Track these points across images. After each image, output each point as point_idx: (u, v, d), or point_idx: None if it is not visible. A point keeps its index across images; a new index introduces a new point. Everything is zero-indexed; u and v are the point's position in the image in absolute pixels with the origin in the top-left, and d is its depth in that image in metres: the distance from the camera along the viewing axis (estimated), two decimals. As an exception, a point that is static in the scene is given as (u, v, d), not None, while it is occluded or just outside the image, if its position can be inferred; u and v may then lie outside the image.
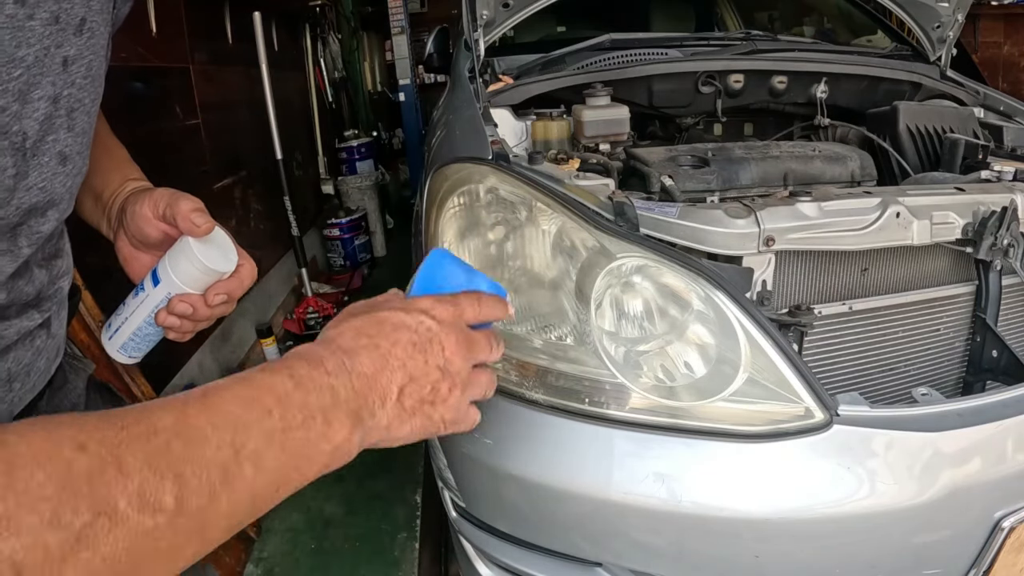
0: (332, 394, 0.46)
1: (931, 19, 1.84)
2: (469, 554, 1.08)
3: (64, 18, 0.39)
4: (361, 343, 0.49)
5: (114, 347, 0.67)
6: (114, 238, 0.67)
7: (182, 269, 0.60)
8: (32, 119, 0.39)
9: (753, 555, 0.84)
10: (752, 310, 0.86)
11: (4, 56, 0.35)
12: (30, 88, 0.37)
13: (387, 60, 7.10)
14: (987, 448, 0.85)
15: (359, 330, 0.50)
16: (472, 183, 1.02)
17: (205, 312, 0.63)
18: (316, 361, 0.47)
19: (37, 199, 0.42)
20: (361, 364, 0.48)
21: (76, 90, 0.43)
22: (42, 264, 0.52)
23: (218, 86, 2.84)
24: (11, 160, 0.38)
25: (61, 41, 0.39)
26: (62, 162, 0.43)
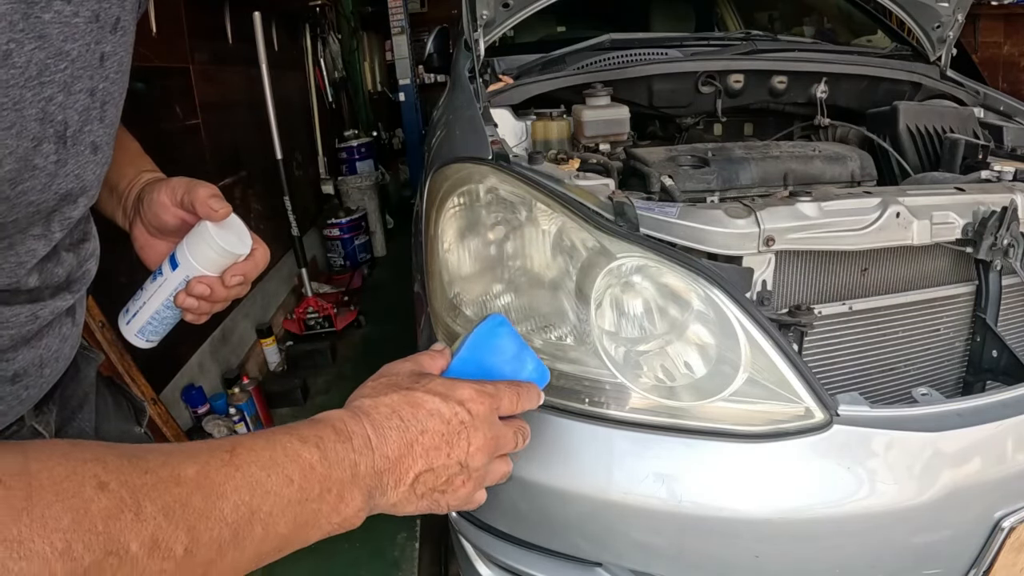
0: (352, 471, 0.47)
1: (931, 19, 1.84)
2: (469, 554, 1.08)
3: (103, 16, 0.41)
4: (392, 423, 0.50)
5: (132, 331, 0.69)
6: (130, 227, 0.69)
7: (200, 252, 0.63)
8: (73, 110, 0.41)
9: (753, 555, 0.84)
10: (752, 310, 0.86)
11: (53, 49, 0.36)
12: (74, 81, 0.39)
13: (387, 60, 7.10)
14: (987, 448, 0.85)
15: (394, 409, 0.51)
16: (472, 183, 1.02)
17: (222, 293, 0.66)
18: (345, 436, 0.48)
19: (72, 186, 0.44)
20: (387, 446, 0.49)
21: (109, 84, 0.45)
22: (70, 248, 0.54)
23: (218, 86, 2.84)
24: (54, 147, 0.40)
25: (100, 38, 0.41)
26: (94, 151, 0.45)
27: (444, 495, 0.54)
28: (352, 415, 0.50)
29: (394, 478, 0.50)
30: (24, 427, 0.57)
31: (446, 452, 0.52)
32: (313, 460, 0.45)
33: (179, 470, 0.39)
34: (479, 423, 0.54)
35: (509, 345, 0.64)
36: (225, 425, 2.19)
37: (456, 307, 0.99)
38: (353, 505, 0.47)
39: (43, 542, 0.33)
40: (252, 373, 2.68)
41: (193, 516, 0.38)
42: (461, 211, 1.03)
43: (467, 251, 1.01)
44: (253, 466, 0.42)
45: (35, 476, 0.35)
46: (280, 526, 0.43)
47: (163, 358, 2.14)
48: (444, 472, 0.53)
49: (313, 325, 3.13)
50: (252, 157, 3.07)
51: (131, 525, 0.36)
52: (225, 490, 0.40)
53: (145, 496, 0.37)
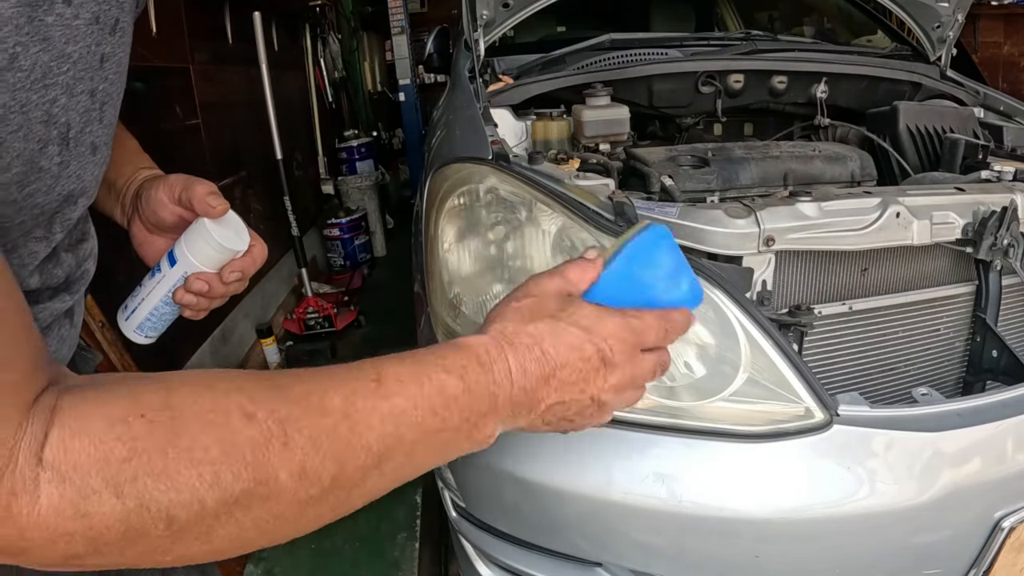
0: (491, 402, 0.48)
1: (931, 19, 1.84)
2: (469, 554, 1.08)
3: (103, 19, 0.41)
4: (534, 355, 0.50)
5: (131, 327, 0.69)
6: (128, 224, 0.70)
7: (199, 249, 0.63)
8: (75, 111, 0.41)
9: (753, 555, 0.84)
10: (752, 310, 0.86)
11: (56, 52, 0.37)
12: (75, 83, 0.40)
13: (387, 60, 7.10)
14: (987, 448, 0.85)
15: (536, 340, 0.50)
16: (472, 183, 1.02)
17: (220, 289, 0.66)
18: (488, 366, 0.48)
19: (74, 186, 0.44)
20: (524, 377, 0.49)
21: (108, 85, 0.45)
22: (69, 248, 0.54)
23: (218, 86, 2.84)
24: (57, 149, 0.40)
25: (100, 40, 0.42)
26: (93, 151, 0.45)
27: (571, 423, 0.54)
28: (496, 343, 0.50)
29: (527, 408, 0.50)
30: None
31: (580, 387, 0.52)
32: (457, 391, 0.46)
33: (325, 400, 0.40)
34: (619, 359, 0.53)
35: (667, 260, 0.59)
36: (225, 425, 2.19)
37: (456, 307, 0.99)
38: (487, 431, 0.49)
39: (192, 473, 0.34)
40: (252, 373, 2.67)
41: (340, 445, 0.39)
42: (461, 211, 1.03)
43: (467, 251, 1.01)
44: (399, 397, 0.43)
45: (178, 409, 0.35)
46: (420, 453, 0.44)
47: (163, 358, 2.14)
48: (575, 405, 0.53)
49: (313, 325, 3.13)
50: (252, 157, 3.07)
51: (280, 454, 0.37)
52: (372, 421, 0.41)
53: (292, 426, 0.38)
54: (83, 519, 0.33)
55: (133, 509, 0.34)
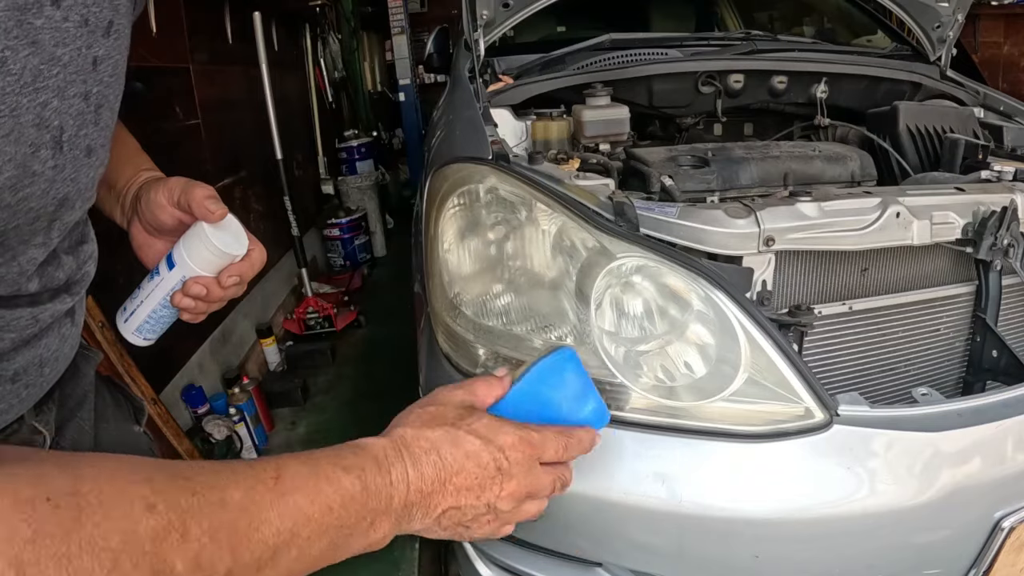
0: (387, 502, 0.49)
1: (931, 19, 1.84)
2: (469, 554, 1.08)
3: (93, 21, 0.41)
4: (430, 459, 0.52)
5: (129, 329, 0.69)
6: (128, 226, 0.69)
7: (196, 253, 0.63)
8: (68, 115, 0.41)
9: (753, 555, 0.84)
10: (752, 310, 0.86)
11: (46, 55, 0.37)
12: (67, 85, 0.39)
13: (387, 60, 7.09)
14: (987, 448, 0.85)
15: (434, 445, 0.53)
16: (472, 183, 1.02)
17: (218, 293, 0.66)
18: (385, 468, 0.50)
19: (69, 190, 0.44)
20: (421, 480, 0.51)
21: (103, 87, 0.45)
22: (69, 251, 0.54)
23: (218, 86, 2.84)
24: (51, 153, 0.40)
25: (91, 42, 0.41)
26: (88, 154, 0.45)
27: (468, 530, 0.56)
28: (394, 447, 0.52)
29: (422, 511, 0.52)
30: (24, 426, 0.57)
31: (476, 494, 0.54)
32: (355, 491, 0.47)
33: (225, 494, 0.41)
34: (516, 470, 0.55)
35: (573, 382, 0.63)
36: (225, 425, 2.19)
37: (456, 307, 0.99)
38: (382, 531, 0.50)
39: (92, 560, 0.34)
40: (252, 373, 2.67)
41: (236, 539, 0.40)
42: (461, 211, 1.03)
43: (467, 251, 1.01)
44: (297, 493, 0.44)
45: (85, 496, 0.36)
46: (315, 549, 0.45)
47: (163, 358, 2.14)
48: (471, 511, 0.54)
49: (313, 325, 3.13)
50: (252, 157, 3.07)
51: (177, 546, 0.37)
52: (269, 516, 0.42)
53: (192, 518, 0.39)
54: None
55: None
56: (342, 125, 5.08)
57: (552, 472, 0.59)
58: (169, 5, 2.37)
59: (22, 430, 0.57)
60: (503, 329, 0.94)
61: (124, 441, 0.76)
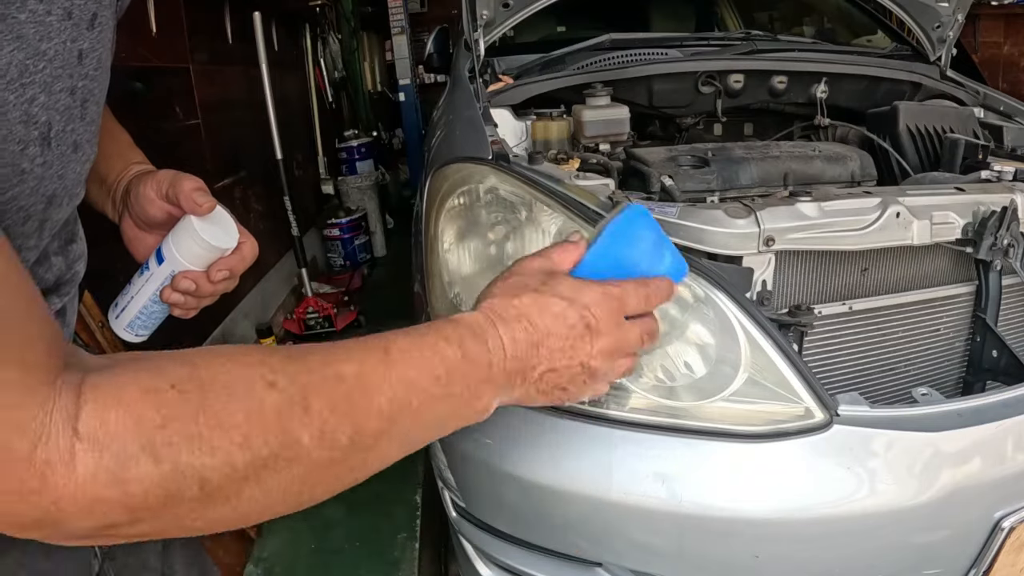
0: (487, 369, 0.51)
1: (931, 19, 1.84)
2: (469, 554, 1.08)
3: (77, 14, 0.40)
4: (521, 325, 0.53)
5: (121, 325, 0.68)
6: (119, 220, 0.69)
7: (185, 247, 0.62)
8: (55, 110, 0.40)
9: (753, 555, 0.84)
10: (752, 310, 0.86)
11: (31, 50, 0.36)
12: (53, 80, 0.39)
13: (387, 60, 7.09)
14: (987, 448, 0.85)
15: (522, 312, 0.54)
16: (472, 183, 1.02)
17: (208, 288, 0.65)
18: (481, 337, 0.52)
19: (56, 187, 0.44)
20: (515, 346, 0.53)
21: (89, 81, 0.44)
22: (58, 252, 0.54)
23: (218, 86, 2.83)
24: (39, 150, 0.40)
25: (76, 36, 0.41)
26: (75, 150, 0.45)
27: (566, 392, 0.57)
28: (486, 317, 0.53)
29: (520, 376, 0.53)
30: None
31: (569, 354, 0.54)
32: (456, 360, 0.49)
33: (340, 368, 0.43)
34: (603, 326, 0.55)
35: (647, 237, 0.62)
36: (225, 425, 2.19)
37: (456, 307, 0.99)
38: (485, 399, 0.52)
39: (223, 437, 0.36)
40: (252, 373, 2.67)
41: (355, 410, 0.42)
42: (461, 211, 1.03)
43: (467, 251, 1.01)
44: (405, 365, 0.46)
45: (205, 380, 0.38)
46: (426, 416, 0.47)
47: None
48: (567, 372, 0.55)
49: (313, 325, 3.13)
50: (252, 157, 3.07)
51: (301, 419, 0.40)
52: (382, 387, 0.44)
53: (312, 393, 0.41)
54: (121, 485, 0.34)
55: (169, 472, 0.35)
56: (342, 125, 5.08)
57: (638, 324, 0.59)
58: (169, 5, 2.37)
59: None
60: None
61: None
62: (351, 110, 5.48)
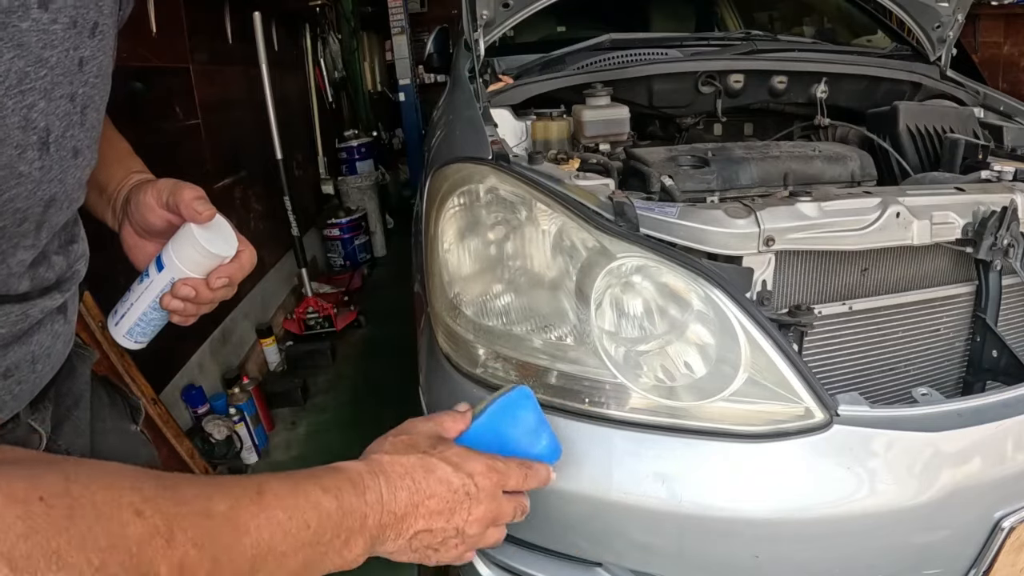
0: (362, 522, 0.52)
1: (931, 19, 1.84)
2: (469, 554, 1.08)
3: (80, 22, 0.41)
4: (404, 484, 0.56)
5: (120, 332, 0.69)
6: (119, 228, 0.70)
7: (185, 254, 0.63)
8: (55, 116, 0.41)
9: (753, 555, 0.84)
10: (752, 310, 0.86)
11: (32, 57, 0.37)
12: (54, 87, 0.40)
13: (387, 60, 7.09)
14: (987, 448, 0.85)
15: (408, 471, 0.56)
16: (472, 183, 1.02)
17: (207, 295, 0.66)
18: (360, 489, 0.53)
19: (56, 191, 0.45)
20: (395, 504, 0.54)
21: (89, 88, 0.45)
22: (59, 251, 0.55)
23: (218, 86, 2.84)
24: (37, 154, 0.40)
25: (78, 44, 0.41)
26: (75, 155, 0.45)
27: (436, 552, 0.59)
28: (370, 470, 0.55)
29: (395, 532, 0.55)
30: (20, 424, 0.57)
31: (446, 518, 0.57)
32: (331, 509, 0.50)
33: (211, 505, 0.43)
34: (483, 496, 0.59)
35: (529, 419, 0.68)
36: (225, 425, 2.19)
37: (456, 307, 0.99)
38: (356, 551, 0.52)
39: (82, 558, 0.36)
40: (252, 373, 2.67)
41: (218, 548, 0.42)
42: (461, 211, 1.03)
43: (467, 251, 1.01)
44: (277, 509, 0.47)
45: (76, 498, 0.37)
46: (291, 563, 0.47)
47: (163, 358, 2.14)
48: (440, 534, 0.57)
49: (313, 325, 3.13)
50: (252, 157, 3.07)
51: (162, 551, 0.39)
52: (249, 528, 0.44)
53: (177, 526, 0.40)
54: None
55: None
56: (342, 125, 5.08)
57: (513, 500, 0.63)
58: (169, 5, 2.37)
59: (18, 429, 0.57)
60: (503, 329, 0.94)
61: (120, 440, 0.76)
62: (351, 110, 5.48)
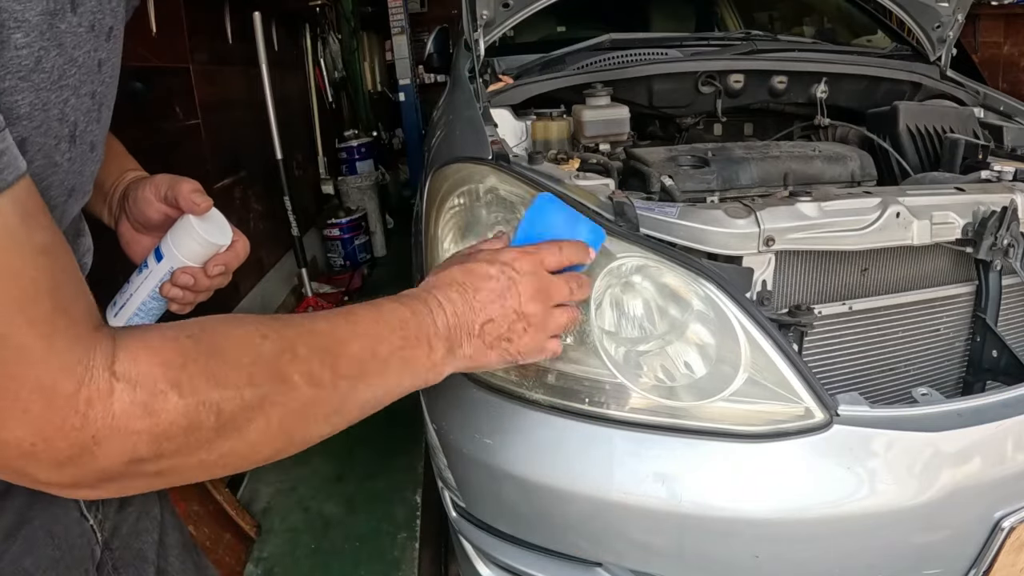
0: (435, 326, 0.60)
1: (931, 19, 1.84)
2: (469, 554, 1.08)
3: (98, 26, 0.44)
4: (453, 288, 0.62)
5: (120, 322, 0.71)
6: (115, 224, 0.73)
7: (184, 244, 0.66)
8: (80, 111, 0.45)
9: (753, 555, 0.84)
10: (752, 310, 0.86)
11: (67, 56, 0.41)
12: (80, 85, 0.44)
13: (387, 60, 7.09)
14: (987, 448, 0.85)
15: (452, 277, 0.63)
16: (472, 183, 1.02)
17: (205, 283, 0.70)
18: (423, 300, 0.61)
19: (75, 182, 0.48)
20: (452, 305, 0.61)
21: (104, 88, 0.48)
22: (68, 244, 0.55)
23: (218, 86, 2.83)
24: (67, 146, 0.44)
25: (97, 46, 0.45)
26: (92, 149, 0.49)
27: (511, 343, 0.64)
28: (425, 288, 0.63)
29: (464, 331, 0.61)
30: None
31: (500, 304, 0.63)
32: (406, 315, 0.58)
33: (316, 326, 0.52)
34: (525, 276, 0.64)
35: (559, 218, 0.70)
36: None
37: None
38: (438, 353, 0.59)
39: (232, 374, 0.44)
40: (252, 373, 2.67)
41: (333, 356, 0.51)
42: (461, 211, 1.03)
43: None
44: (366, 321, 0.56)
45: (213, 332, 0.46)
46: (391, 364, 0.56)
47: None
48: (504, 321, 0.63)
49: (313, 325, 3.12)
50: (252, 157, 3.07)
51: (291, 360, 0.48)
52: (351, 339, 0.53)
53: (298, 341, 0.50)
54: (151, 416, 0.40)
55: (191, 403, 0.42)
56: (342, 125, 5.08)
57: (564, 276, 0.68)
58: (169, 5, 2.37)
59: None
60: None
61: None
62: (351, 110, 5.48)
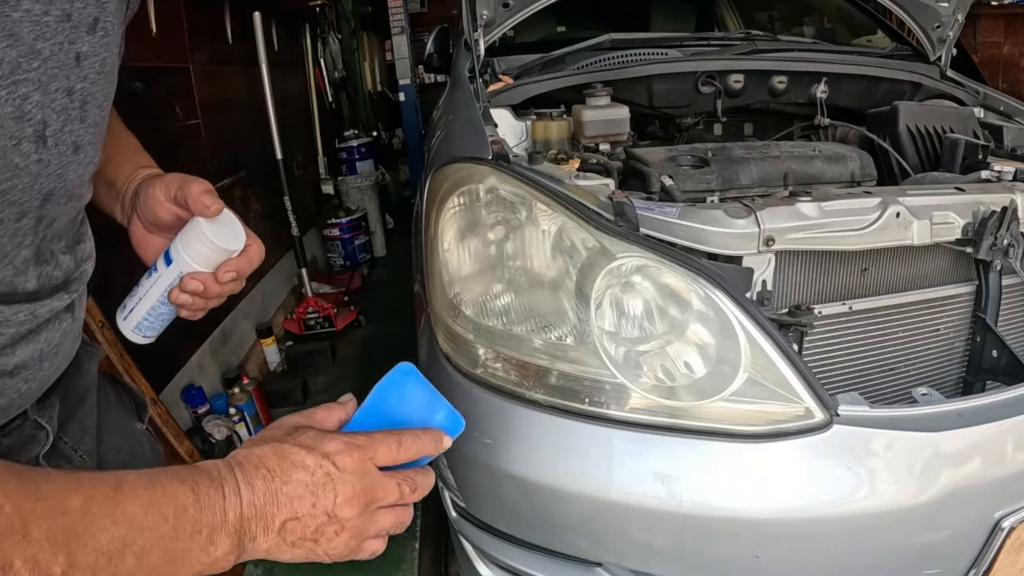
0: (223, 516, 0.49)
1: (931, 19, 1.84)
2: (469, 554, 1.08)
3: (76, 16, 0.41)
4: (260, 473, 0.52)
5: (129, 327, 0.69)
6: (127, 223, 0.69)
7: (193, 248, 0.63)
8: (51, 109, 0.41)
9: (753, 555, 0.84)
10: (752, 310, 0.86)
11: (25, 48, 0.37)
12: (48, 80, 0.40)
13: (387, 60, 7.09)
14: (987, 448, 0.85)
15: (262, 460, 0.53)
16: (472, 183, 1.02)
17: (216, 289, 0.65)
18: (218, 483, 0.50)
19: (54, 185, 0.45)
20: (252, 493, 0.51)
21: (89, 84, 0.45)
22: (67, 251, 0.55)
23: (218, 86, 2.84)
24: (34, 147, 0.40)
25: (74, 38, 0.41)
26: (75, 151, 0.45)
27: (318, 544, 0.55)
28: (226, 465, 0.53)
29: (261, 525, 0.51)
30: (27, 421, 0.57)
31: (311, 502, 0.53)
32: (188, 502, 0.48)
33: (66, 502, 0.43)
34: (346, 475, 0.54)
35: (417, 395, 0.62)
36: (225, 425, 2.19)
37: (456, 307, 0.99)
38: (221, 549, 0.49)
39: None
40: (252, 373, 2.67)
41: (73, 543, 0.42)
42: (461, 211, 1.03)
43: (467, 251, 1.01)
44: (133, 503, 0.46)
45: None
46: (151, 558, 0.46)
47: (163, 358, 2.14)
48: (311, 521, 0.53)
49: (313, 325, 3.13)
50: (252, 157, 3.07)
51: (17, 545, 0.40)
52: (104, 524, 0.44)
53: (33, 520, 0.41)
54: None
55: None
56: (342, 125, 5.08)
57: (395, 475, 0.58)
58: (169, 5, 2.37)
59: (25, 426, 0.57)
60: (503, 329, 0.94)
61: (126, 438, 0.76)
62: (351, 110, 5.48)
